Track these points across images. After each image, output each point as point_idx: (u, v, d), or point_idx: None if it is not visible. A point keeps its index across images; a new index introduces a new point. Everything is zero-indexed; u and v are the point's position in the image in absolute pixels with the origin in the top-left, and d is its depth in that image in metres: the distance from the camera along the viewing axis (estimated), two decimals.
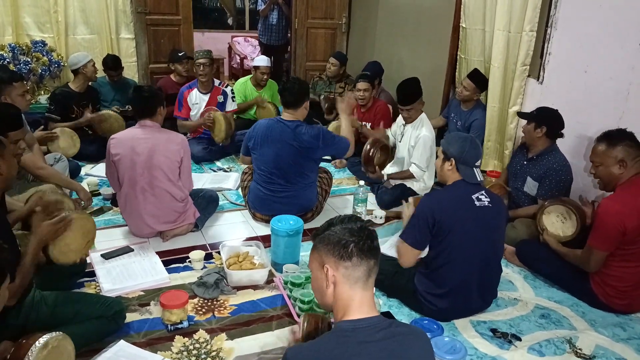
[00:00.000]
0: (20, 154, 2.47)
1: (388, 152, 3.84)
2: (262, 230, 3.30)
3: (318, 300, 1.52)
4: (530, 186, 3.18)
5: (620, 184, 2.52)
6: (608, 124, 3.09)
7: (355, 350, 1.29)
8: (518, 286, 2.82)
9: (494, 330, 2.39)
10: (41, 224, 2.11)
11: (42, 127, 3.92)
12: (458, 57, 4.36)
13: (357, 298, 1.39)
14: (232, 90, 4.80)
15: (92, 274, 2.66)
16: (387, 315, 2.47)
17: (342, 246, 1.39)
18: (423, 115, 3.65)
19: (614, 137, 2.54)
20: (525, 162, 3.23)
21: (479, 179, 2.38)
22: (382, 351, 1.30)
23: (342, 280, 1.40)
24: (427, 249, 2.44)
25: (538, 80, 3.63)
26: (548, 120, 3.09)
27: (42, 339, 1.71)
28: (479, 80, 3.98)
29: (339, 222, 1.46)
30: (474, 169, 2.37)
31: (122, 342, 2.15)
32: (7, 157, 2.01)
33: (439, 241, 2.34)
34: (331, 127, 4.42)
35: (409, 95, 3.60)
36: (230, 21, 9.70)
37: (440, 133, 4.38)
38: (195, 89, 4.57)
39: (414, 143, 3.60)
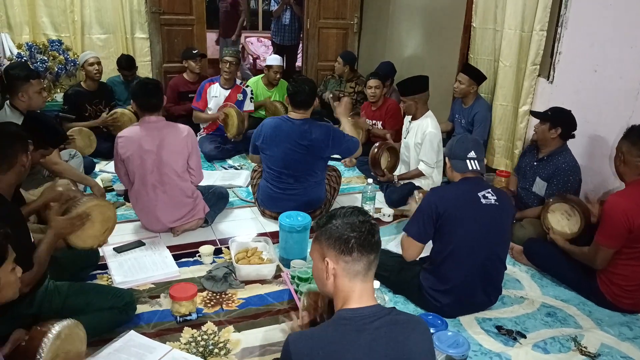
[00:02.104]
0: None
1: (397, 153, 3.84)
2: (271, 226, 3.34)
3: (319, 288, 1.56)
4: (539, 186, 3.18)
5: (631, 182, 2.52)
6: (617, 123, 3.08)
7: (354, 338, 1.32)
8: (525, 285, 2.83)
9: (499, 327, 2.41)
10: (57, 218, 2.17)
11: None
12: (468, 56, 4.37)
13: (357, 289, 1.43)
14: (252, 91, 4.88)
15: (105, 266, 2.72)
16: None
17: (343, 241, 1.42)
18: (429, 113, 3.67)
19: (629, 131, 2.56)
20: (535, 163, 3.23)
21: (470, 168, 2.38)
22: (381, 338, 1.33)
23: (342, 274, 1.43)
24: (430, 245, 2.46)
25: (548, 79, 3.62)
26: (563, 121, 3.08)
27: (55, 329, 1.74)
28: (472, 72, 4.00)
29: (341, 216, 1.47)
30: (467, 160, 2.38)
31: (132, 332, 2.20)
32: (32, 154, 2.13)
33: (443, 236, 2.36)
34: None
35: (405, 87, 3.64)
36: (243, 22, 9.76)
37: (449, 137, 4.40)
38: (217, 83, 4.70)
39: (420, 140, 3.61)
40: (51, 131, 2.75)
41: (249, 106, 4.79)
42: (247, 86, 4.88)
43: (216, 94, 4.68)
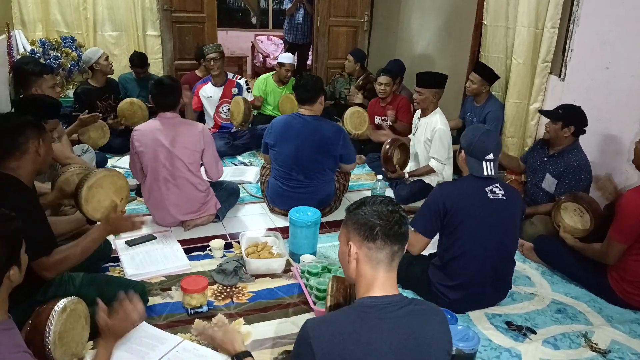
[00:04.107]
0: (52, 142, 2.60)
1: (407, 150, 3.85)
2: (281, 222, 3.36)
3: (343, 272, 1.56)
4: (549, 183, 3.17)
5: None
6: (629, 121, 3.08)
7: (375, 326, 1.33)
8: (535, 282, 2.82)
9: (508, 323, 2.41)
10: (112, 216, 2.25)
11: (66, 125, 4.03)
12: (479, 54, 4.36)
13: (379, 278, 1.42)
14: (246, 82, 4.89)
15: (117, 259, 2.75)
16: None
17: (368, 228, 1.42)
18: (438, 109, 3.67)
19: None
20: (545, 159, 3.22)
21: (486, 173, 2.35)
22: (401, 327, 1.34)
23: (364, 260, 1.43)
24: (436, 240, 2.46)
25: (559, 77, 3.61)
26: (576, 119, 3.05)
27: (60, 303, 1.79)
28: (484, 72, 3.98)
29: (371, 204, 1.47)
30: (484, 162, 2.34)
31: (144, 323, 2.20)
32: (47, 141, 2.15)
33: (451, 232, 2.35)
34: (348, 112, 4.49)
35: (426, 79, 3.63)
36: (253, 20, 9.81)
37: (459, 134, 4.39)
38: (209, 83, 4.70)
39: (430, 136, 3.61)
40: (42, 103, 2.75)
41: (247, 97, 4.80)
42: (241, 77, 4.87)
43: (210, 94, 4.67)
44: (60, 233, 2.47)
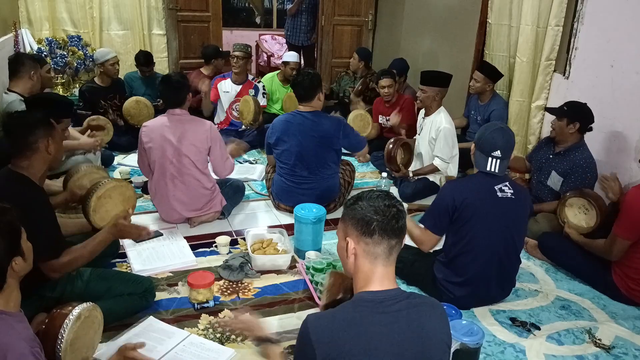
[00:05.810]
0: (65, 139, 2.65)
1: (410, 149, 3.86)
2: (286, 219, 3.38)
3: (342, 266, 1.58)
4: (555, 181, 3.18)
5: None
6: (634, 119, 3.08)
7: (374, 319, 1.34)
8: (539, 278, 2.83)
9: (513, 319, 2.42)
10: (121, 222, 2.27)
11: (73, 123, 4.05)
12: (484, 53, 4.36)
13: (377, 272, 1.43)
14: (264, 86, 4.94)
15: (124, 255, 2.78)
16: None
17: (365, 223, 1.41)
18: (442, 108, 3.68)
19: None
20: (551, 156, 3.22)
21: (489, 169, 2.35)
22: (400, 321, 1.35)
23: (362, 255, 1.44)
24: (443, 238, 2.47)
25: (564, 75, 3.62)
26: (581, 116, 3.06)
27: (75, 311, 1.79)
28: (488, 70, 4.00)
29: (368, 198, 1.46)
30: (490, 158, 2.34)
31: (151, 318, 2.25)
32: (57, 139, 2.16)
33: (458, 229, 2.36)
34: (351, 115, 4.50)
35: (430, 78, 3.64)
36: (258, 20, 9.83)
37: (464, 133, 4.41)
38: (229, 79, 4.79)
39: (435, 135, 3.62)
40: (56, 102, 2.81)
41: (262, 101, 4.84)
42: (259, 82, 4.92)
43: (228, 89, 4.77)
44: (66, 234, 2.51)
